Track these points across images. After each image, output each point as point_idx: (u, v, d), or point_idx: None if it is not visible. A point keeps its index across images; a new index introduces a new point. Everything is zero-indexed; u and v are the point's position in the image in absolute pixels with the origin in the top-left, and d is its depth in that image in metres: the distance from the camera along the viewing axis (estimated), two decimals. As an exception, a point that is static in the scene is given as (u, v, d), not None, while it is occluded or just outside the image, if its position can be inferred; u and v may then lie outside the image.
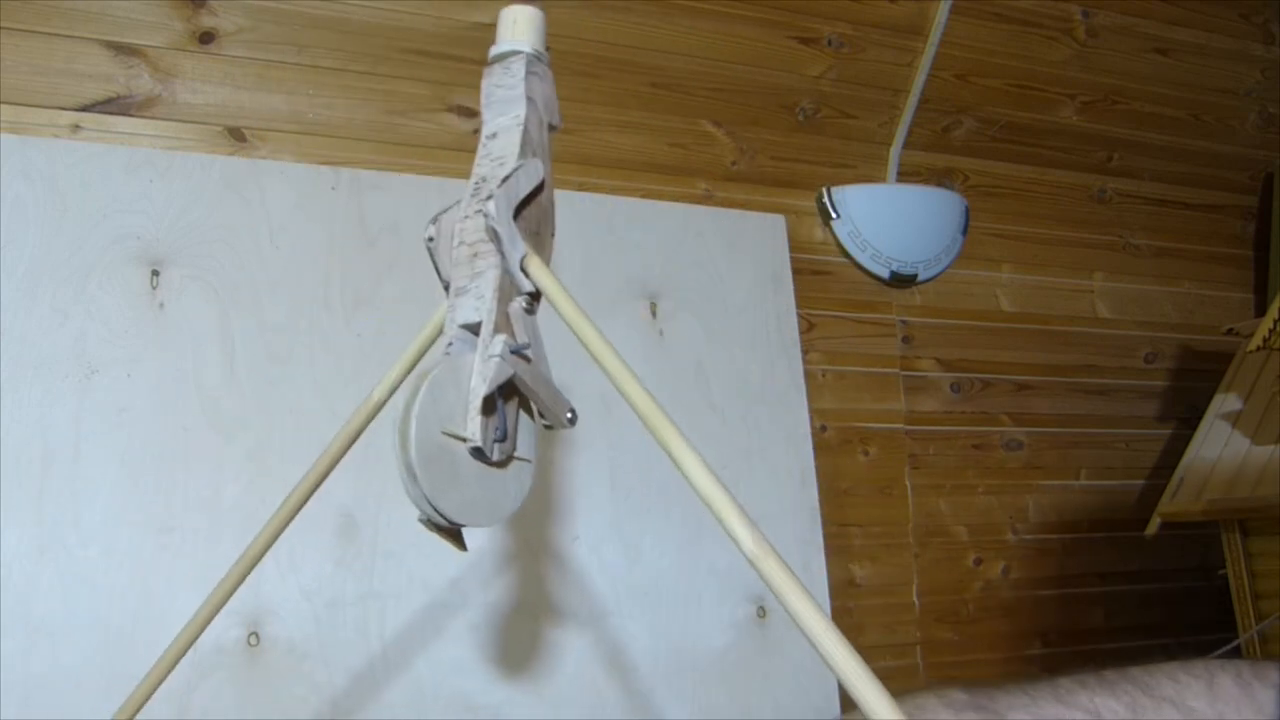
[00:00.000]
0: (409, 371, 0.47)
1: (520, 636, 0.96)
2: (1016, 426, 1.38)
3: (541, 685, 0.96)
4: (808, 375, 1.19)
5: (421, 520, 0.44)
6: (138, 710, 0.46)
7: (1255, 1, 1.49)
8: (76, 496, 0.85)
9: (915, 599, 1.27)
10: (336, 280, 0.98)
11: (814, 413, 1.19)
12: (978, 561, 1.32)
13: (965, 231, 1.37)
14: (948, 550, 1.31)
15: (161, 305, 0.92)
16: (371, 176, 1.03)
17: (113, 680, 0.82)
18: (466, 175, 0.48)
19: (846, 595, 1.21)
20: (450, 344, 0.45)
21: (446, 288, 0.47)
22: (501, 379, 0.44)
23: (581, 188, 1.14)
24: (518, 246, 0.45)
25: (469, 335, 0.45)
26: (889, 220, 1.31)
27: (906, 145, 1.34)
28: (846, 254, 1.30)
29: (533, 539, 1.00)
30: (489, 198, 0.45)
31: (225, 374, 0.92)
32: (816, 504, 1.13)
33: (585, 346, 0.42)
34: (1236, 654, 1.17)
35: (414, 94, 1.09)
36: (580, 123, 1.17)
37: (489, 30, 0.46)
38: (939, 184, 1.38)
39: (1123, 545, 1.37)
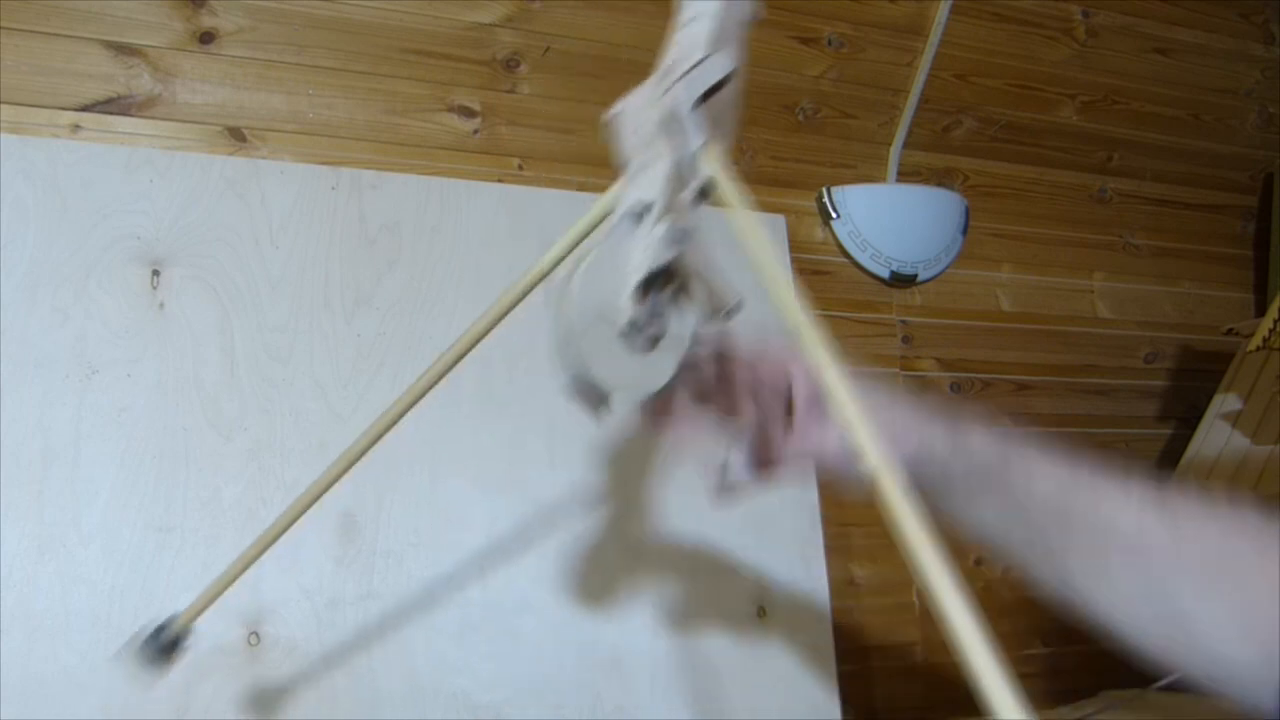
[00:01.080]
0: (575, 245, 0.47)
1: (521, 636, 0.96)
2: (1017, 426, 1.38)
3: (541, 685, 0.96)
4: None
5: (568, 385, 0.45)
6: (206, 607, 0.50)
7: (1255, 1, 1.49)
8: (76, 496, 0.85)
9: (915, 599, 1.27)
10: (336, 280, 0.98)
11: (814, 413, 1.19)
12: (978, 561, 1.33)
13: (965, 231, 1.37)
14: (948, 550, 1.31)
15: (161, 305, 0.92)
16: (371, 176, 1.03)
17: (113, 680, 0.82)
18: (466, 175, 0.49)
19: (846, 595, 1.21)
20: (618, 223, 0.45)
21: (624, 168, 0.46)
22: (661, 262, 0.44)
23: (582, 188, 1.14)
24: (696, 135, 0.45)
25: (637, 216, 0.45)
26: (889, 220, 1.31)
27: (906, 145, 1.34)
28: (846, 254, 1.30)
29: (533, 539, 1.00)
30: (673, 85, 0.44)
31: (225, 374, 0.92)
32: (816, 504, 1.13)
33: (743, 242, 0.42)
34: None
35: (414, 94, 1.09)
36: (580, 123, 1.17)
37: (489, 30, 0.47)
38: (939, 184, 1.38)
39: (1123, 545, 1.36)
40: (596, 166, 1.17)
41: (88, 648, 0.82)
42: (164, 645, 0.62)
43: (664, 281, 0.46)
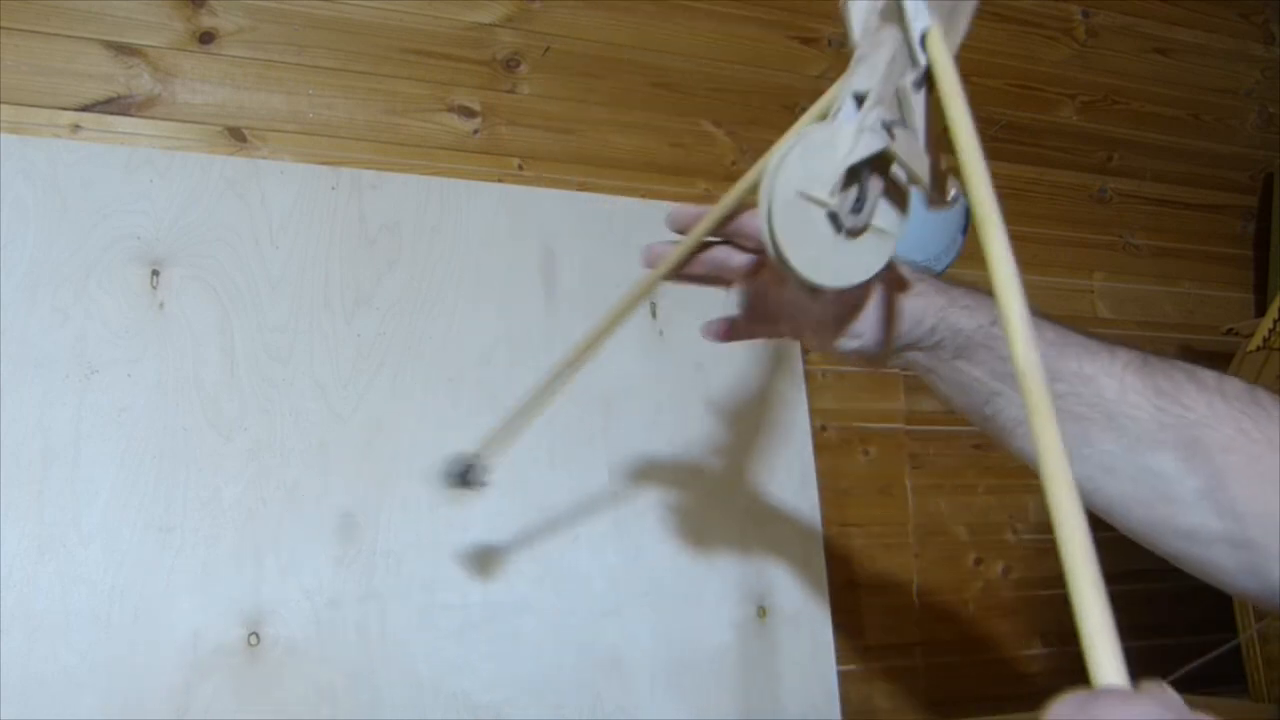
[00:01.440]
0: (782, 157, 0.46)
1: (521, 636, 0.96)
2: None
3: (541, 685, 0.96)
4: (808, 375, 1.19)
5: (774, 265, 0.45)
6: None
7: (1255, 1, 1.49)
8: (76, 496, 0.85)
9: (915, 599, 1.27)
10: (336, 280, 0.98)
11: (814, 413, 1.19)
12: (978, 561, 1.32)
13: (965, 231, 1.37)
14: (948, 550, 1.31)
15: (161, 305, 0.92)
16: (371, 176, 1.03)
17: (113, 680, 0.82)
18: (466, 175, 0.49)
19: (846, 595, 1.21)
20: (838, 109, 0.45)
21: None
22: (868, 152, 0.44)
23: (582, 188, 1.14)
24: (921, 19, 0.43)
25: (857, 103, 0.45)
26: (889, 220, 1.31)
27: (906, 145, 1.34)
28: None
29: (533, 539, 1.00)
30: None
31: (225, 374, 0.92)
32: (816, 504, 1.13)
33: (957, 144, 0.42)
34: (1236, 654, 1.17)
35: (414, 94, 1.10)
36: (580, 123, 1.17)
37: (489, 30, 0.47)
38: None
39: (1123, 545, 1.36)
40: (596, 166, 1.17)
41: (88, 648, 0.82)
42: (466, 479, 0.62)
43: (871, 171, 0.46)
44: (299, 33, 1.04)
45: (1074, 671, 0.29)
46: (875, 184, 0.47)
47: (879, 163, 0.46)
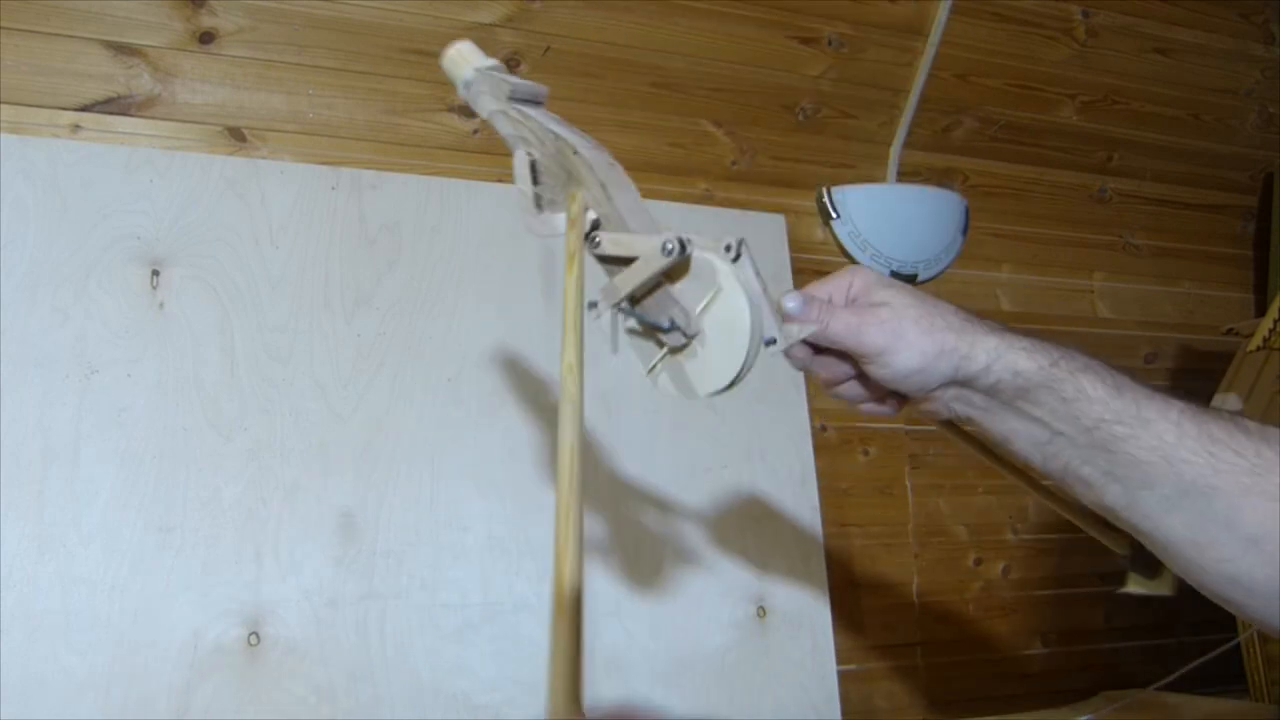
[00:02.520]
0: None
1: (521, 636, 0.96)
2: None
3: (541, 685, 0.96)
4: (808, 375, 1.19)
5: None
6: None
7: (1255, 1, 1.49)
8: (76, 496, 0.85)
9: (915, 599, 1.27)
10: (336, 280, 0.98)
11: (814, 413, 1.19)
12: (978, 561, 1.32)
13: (965, 231, 1.37)
14: (948, 550, 1.31)
15: (161, 305, 0.92)
16: (371, 176, 1.03)
17: (112, 680, 0.82)
18: (466, 175, 0.50)
19: (846, 595, 1.21)
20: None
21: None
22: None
23: (581, 188, 1.14)
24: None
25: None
26: (889, 220, 1.31)
27: (906, 145, 1.34)
28: (846, 254, 1.30)
29: (533, 539, 1.00)
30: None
31: (225, 374, 0.92)
32: (816, 504, 1.13)
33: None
34: (1236, 654, 1.17)
35: (414, 94, 1.09)
36: (580, 123, 1.16)
37: (489, 30, 0.47)
38: (939, 184, 1.38)
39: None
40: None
41: (88, 648, 0.82)
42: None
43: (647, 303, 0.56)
44: (299, 33, 1.04)
45: (1074, 671, 0.29)
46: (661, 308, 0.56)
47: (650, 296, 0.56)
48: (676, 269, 0.55)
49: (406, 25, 1.07)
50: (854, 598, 1.23)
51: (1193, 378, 1.51)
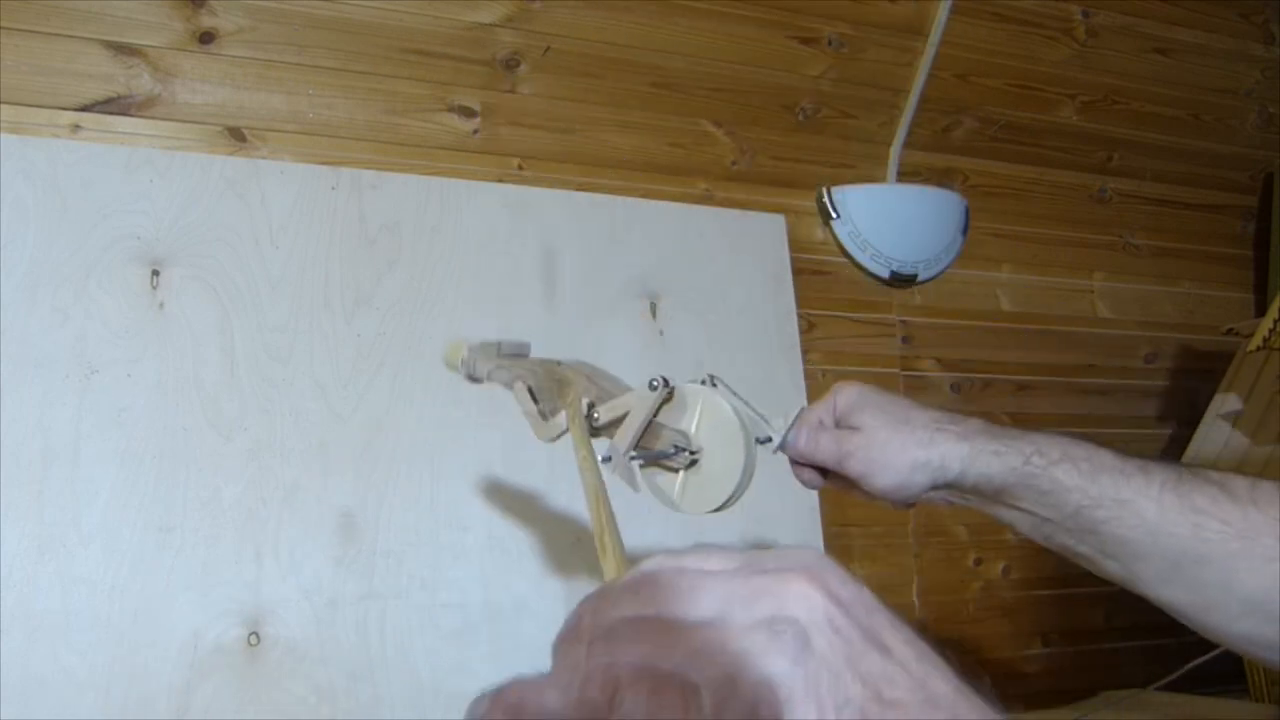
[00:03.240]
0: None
1: (521, 636, 0.96)
2: (1017, 426, 1.37)
3: (541, 685, 0.96)
4: (808, 375, 1.19)
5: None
6: None
7: (1255, 1, 1.49)
8: (76, 496, 0.85)
9: (915, 599, 1.27)
10: (336, 280, 0.98)
11: (814, 413, 1.19)
12: (978, 561, 1.32)
13: (965, 231, 1.37)
14: (948, 550, 1.31)
15: (161, 305, 0.92)
16: (371, 176, 1.03)
17: (112, 680, 0.82)
18: (466, 175, 0.51)
19: (846, 595, 1.21)
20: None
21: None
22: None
23: (581, 188, 1.14)
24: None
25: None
26: (889, 220, 1.31)
27: (906, 145, 1.34)
28: (846, 254, 1.30)
29: (533, 539, 1.00)
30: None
31: (225, 374, 0.92)
32: (816, 504, 1.13)
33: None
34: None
35: (414, 94, 1.09)
36: (580, 123, 1.17)
37: (489, 30, 0.47)
38: (939, 184, 1.38)
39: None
40: (596, 166, 1.17)
41: (88, 648, 0.82)
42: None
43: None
44: (299, 33, 1.04)
45: (1074, 671, 0.29)
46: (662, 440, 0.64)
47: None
48: (664, 405, 0.63)
49: (406, 25, 1.07)
50: (854, 598, 1.23)
51: (1193, 378, 1.51)
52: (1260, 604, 0.49)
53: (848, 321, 1.29)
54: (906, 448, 0.59)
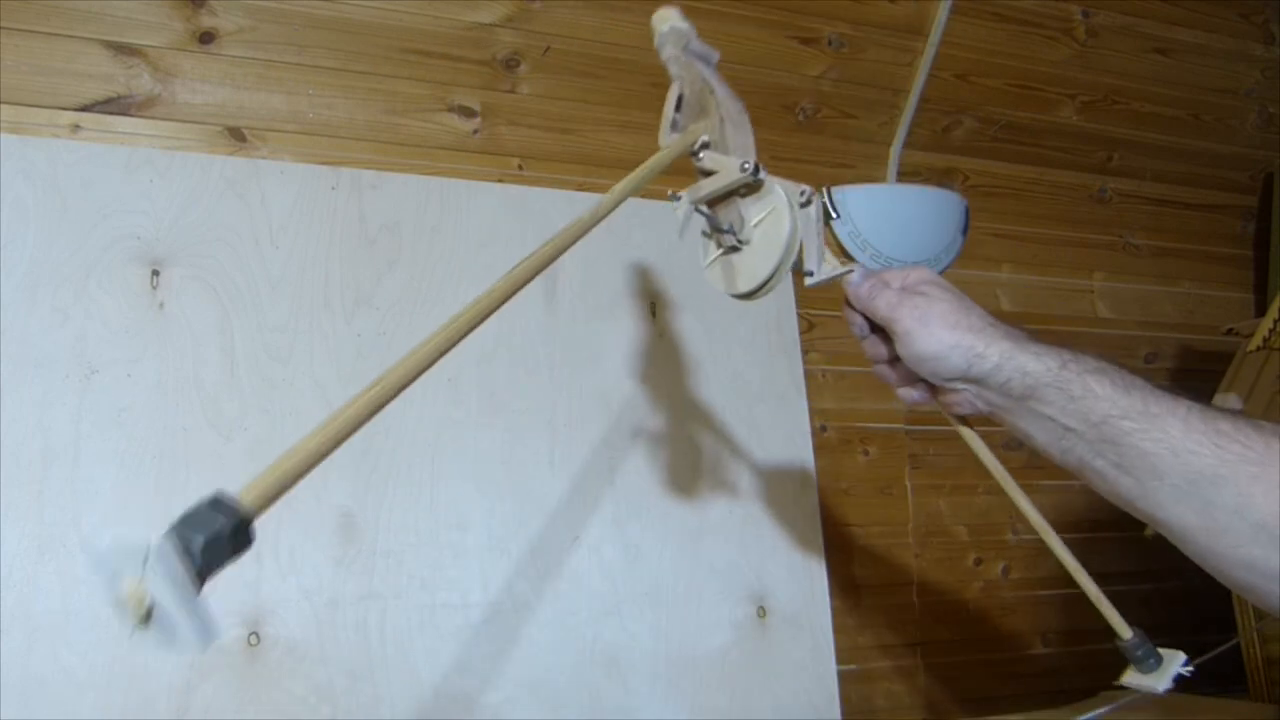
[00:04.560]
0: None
1: (520, 636, 0.96)
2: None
3: (541, 685, 0.96)
4: (808, 375, 1.19)
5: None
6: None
7: (1255, 1, 1.49)
8: (76, 496, 0.85)
9: (915, 599, 1.27)
10: (336, 280, 0.98)
11: (814, 413, 1.19)
12: (978, 561, 1.32)
13: (965, 231, 1.37)
14: (948, 550, 1.31)
15: (161, 305, 0.92)
16: (371, 176, 1.03)
17: (113, 680, 0.82)
18: (466, 175, 0.51)
19: (846, 595, 1.21)
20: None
21: None
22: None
23: (581, 188, 1.14)
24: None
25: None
26: (889, 220, 1.31)
27: (906, 145, 1.34)
28: (846, 254, 1.30)
29: (533, 539, 1.00)
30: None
31: (225, 374, 0.92)
32: (816, 504, 1.13)
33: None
34: (1236, 654, 1.17)
35: (414, 94, 1.09)
36: (580, 123, 1.17)
37: (489, 30, 0.47)
38: (939, 184, 1.38)
39: (1123, 545, 1.36)
40: (596, 166, 1.17)
41: (88, 648, 0.82)
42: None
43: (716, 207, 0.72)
44: (299, 33, 1.04)
45: (1074, 671, 0.29)
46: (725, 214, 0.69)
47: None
48: (750, 189, 0.68)
49: (406, 25, 1.07)
50: (854, 598, 1.23)
51: (1193, 378, 1.51)
52: (1270, 528, 0.50)
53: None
54: (958, 324, 0.61)
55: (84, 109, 0.97)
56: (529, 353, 1.04)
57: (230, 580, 0.88)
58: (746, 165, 0.66)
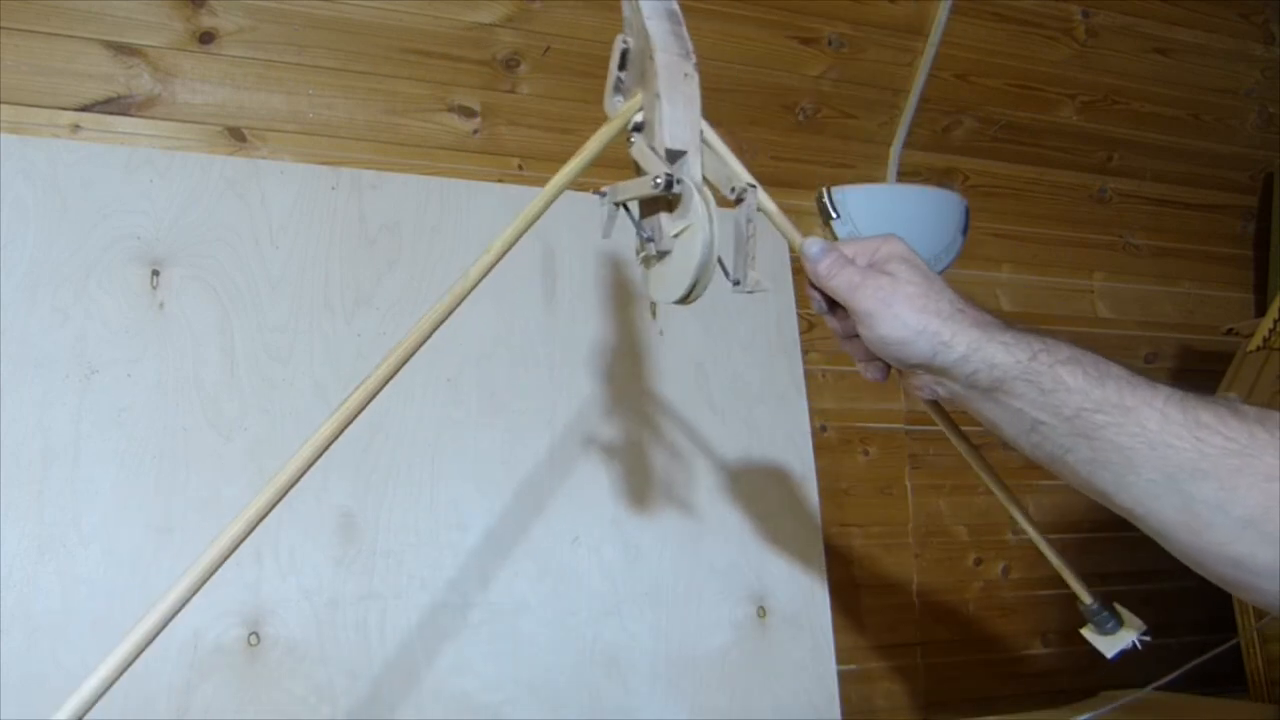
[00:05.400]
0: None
1: (520, 636, 0.96)
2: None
3: (541, 685, 0.96)
4: (808, 375, 1.19)
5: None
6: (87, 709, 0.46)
7: (1255, 1, 1.49)
8: (76, 496, 0.85)
9: (915, 599, 1.27)
10: (336, 280, 0.98)
11: (814, 413, 1.19)
12: (978, 561, 1.32)
13: (965, 231, 1.37)
14: (948, 550, 1.31)
15: (161, 305, 0.92)
16: (371, 176, 1.03)
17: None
18: (466, 175, 0.51)
19: (846, 595, 1.21)
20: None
21: None
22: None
23: (582, 188, 1.14)
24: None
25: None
26: (889, 220, 1.31)
27: (906, 145, 1.34)
28: (846, 254, 1.30)
29: (533, 539, 1.00)
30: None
31: (225, 374, 0.92)
32: (816, 504, 1.13)
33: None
34: (1236, 654, 1.17)
35: (414, 94, 1.09)
36: (580, 123, 1.17)
37: (489, 30, 0.47)
38: (939, 184, 1.38)
39: (1123, 545, 1.37)
40: (597, 166, 1.16)
41: (88, 648, 0.82)
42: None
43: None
44: (299, 33, 1.04)
45: (1074, 671, 0.29)
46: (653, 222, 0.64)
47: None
48: (674, 198, 0.62)
49: (406, 25, 1.07)
50: (854, 598, 1.23)
51: (1193, 378, 1.51)
52: (1257, 523, 0.48)
53: (848, 321, 1.29)
54: (925, 309, 0.57)
55: (84, 109, 0.97)
56: (529, 353, 1.04)
57: (230, 580, 0.88)
58: (658, 180, 0.60)
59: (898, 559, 1.27)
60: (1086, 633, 0.67)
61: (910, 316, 0.57)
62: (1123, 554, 1.38)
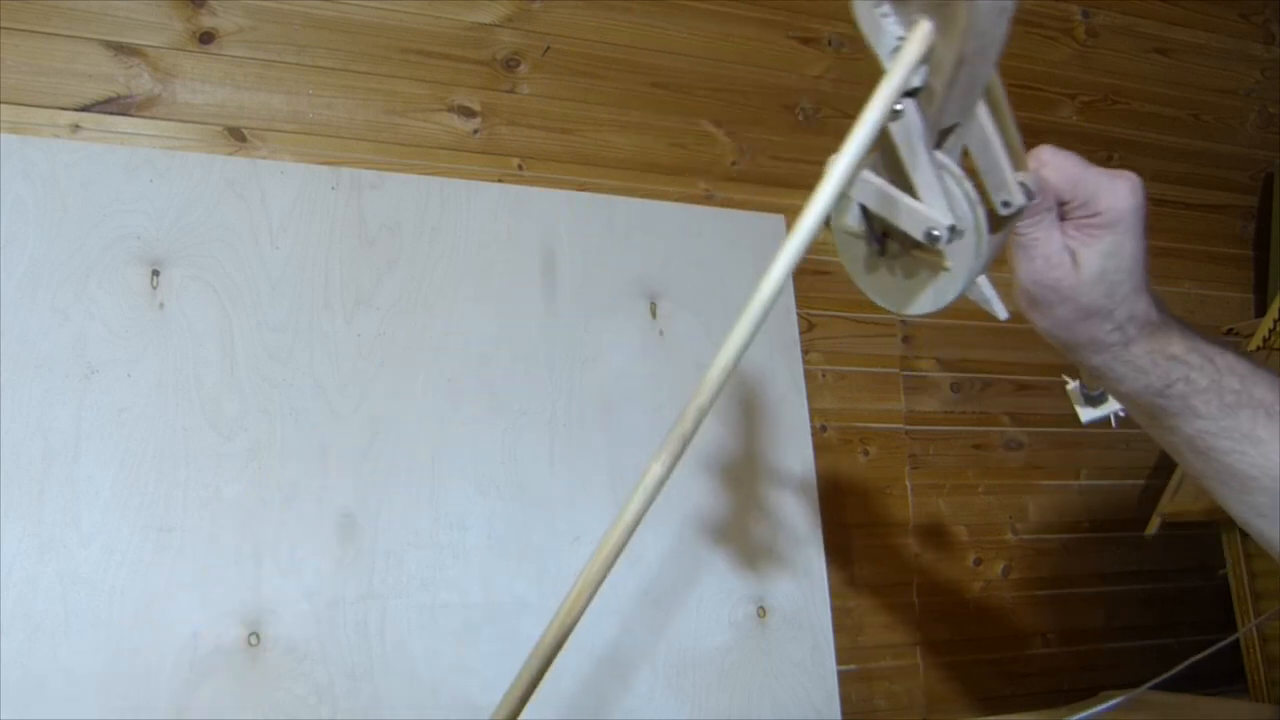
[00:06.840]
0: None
1: (521, 636, 0.96)
2: (1016, 426, 1.37)
3: (541, 685, 0.96)
4: (808, 375, 1.19)
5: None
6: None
7: (1255, 1, 1.49)
8: (76, 496, 0.85)
9: (915, 599, 1.27)
10: (336, 280, 0.98)
11: (814, 413, 1.19)
12: (978, 561, 1.32)
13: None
14: (948, 550, 1.31)
15: (161, 305, 0.92)
16: (371, 176, 1.03)
17: (113, 680, 0.82)
18: (466, 175, 0.50)
19: (846, 595, 1.21)
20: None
21: None
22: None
23: (582, 188, 1.14)
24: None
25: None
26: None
27: (906, 145, 1.34)
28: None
29: (533, 539, 1.00)
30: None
31: (225, 374, 0.92)
32: (816, 504, 1.13)
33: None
34: (1236, 653, 1.17)
35: (414, 94, 1.10)
36: (580, 123, 1.17)
37: (489, 30, 0.47)
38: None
39: (1123, 545, 1.37)
40: (596, 166, 1.17)
41: (88, 648, 0.82)
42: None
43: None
44: (299, 33, 1.04)
45: (1074, 671, 0.29)
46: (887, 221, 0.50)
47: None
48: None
49: (406, 25, 1.07)
50: (854, 598, 1.23)
51: (1193, 378, 1.51)
52: None
53: (848, 321, 1.29)
54: (1111, 299, 0.53)
55: (84, 109, 0.97)
56: (529, 353, 1.04)
57: (230, 580, 0.88)
58: (936, 232, 0.45)
59: (898, 559, 1.27)
60: (1070, 393, 0.65)
61: (1142, 274, 0.53)
62: (1123, 554, 1.38)
